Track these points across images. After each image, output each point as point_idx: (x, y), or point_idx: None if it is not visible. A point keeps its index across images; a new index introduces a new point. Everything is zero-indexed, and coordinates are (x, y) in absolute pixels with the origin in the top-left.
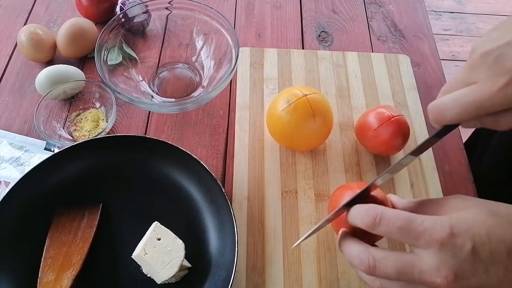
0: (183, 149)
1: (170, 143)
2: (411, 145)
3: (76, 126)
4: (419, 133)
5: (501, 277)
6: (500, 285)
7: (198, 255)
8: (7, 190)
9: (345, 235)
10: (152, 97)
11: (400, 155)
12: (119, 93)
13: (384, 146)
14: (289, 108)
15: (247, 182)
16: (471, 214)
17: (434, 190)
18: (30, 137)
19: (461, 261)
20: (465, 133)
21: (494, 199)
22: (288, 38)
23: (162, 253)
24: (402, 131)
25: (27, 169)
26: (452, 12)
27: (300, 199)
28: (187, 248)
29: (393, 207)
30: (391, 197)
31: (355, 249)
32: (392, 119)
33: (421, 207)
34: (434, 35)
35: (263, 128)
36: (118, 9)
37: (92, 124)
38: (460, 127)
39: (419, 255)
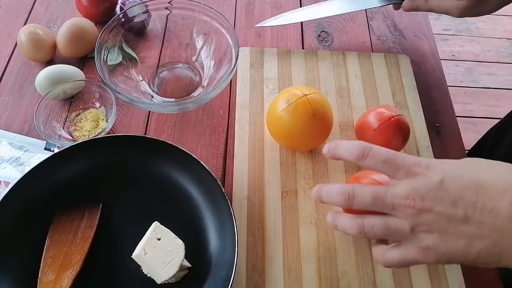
0: (183, 149)
1: (170, 143)
2: (411, 145)
3: (76, 126)
4: (419, 133)
5: (470, 213)
6: (467, 220)
7: (198, 255)
8: (7, 190)
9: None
10: (152, 97)
11: None
12: (119, 93)
13: (384, 146)
14: (289, 108)
15: (247, 182)
16: (451, 161)
17: None
18: (30, 137)
19: (429, 188)
20: (469, 142)
21: None
22: (288, 38)
23: (162, 253)
24: (402, 131)
25: (27, 169)
26: None
27: (300, 199)
28: (187, 248)
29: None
30: None
31: (336, 185)
32: (392, 119)
33: None
34: (434, 35)
35: (263, 128)
36: (118, 9)
37: (92, 124)
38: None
39: (394, 184)
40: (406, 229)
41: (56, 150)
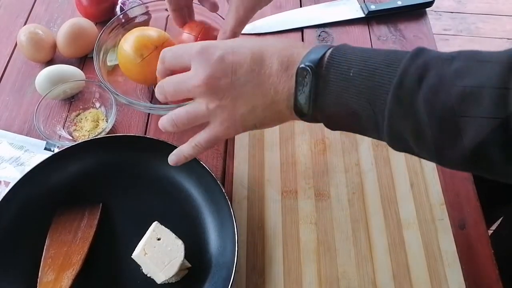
0: None
1: (170, 143)
2: None
3: (76, 126)
4: None
5: (249, 77)
6: (246, 83)
7: (198, 255)
8: (7, 190)
9: None
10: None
11: None
12: (117, 94)
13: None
14: (144, 62)
15: (247, 182)
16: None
17: (434, 190)
18: (30, 137)
19: (211, 65)
20: None
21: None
22: (288, 38)
23: (162, 253)
24: None
25: (27, 169)
26: (452, 12)
27: (300, 199)
28: (187, 248)
29: None
30: None
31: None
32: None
33: None
34: (434, 35)
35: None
36: (118, 9)
37: (92, 124)
38: None
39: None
40: (203, 108)
41: (56, 150)
